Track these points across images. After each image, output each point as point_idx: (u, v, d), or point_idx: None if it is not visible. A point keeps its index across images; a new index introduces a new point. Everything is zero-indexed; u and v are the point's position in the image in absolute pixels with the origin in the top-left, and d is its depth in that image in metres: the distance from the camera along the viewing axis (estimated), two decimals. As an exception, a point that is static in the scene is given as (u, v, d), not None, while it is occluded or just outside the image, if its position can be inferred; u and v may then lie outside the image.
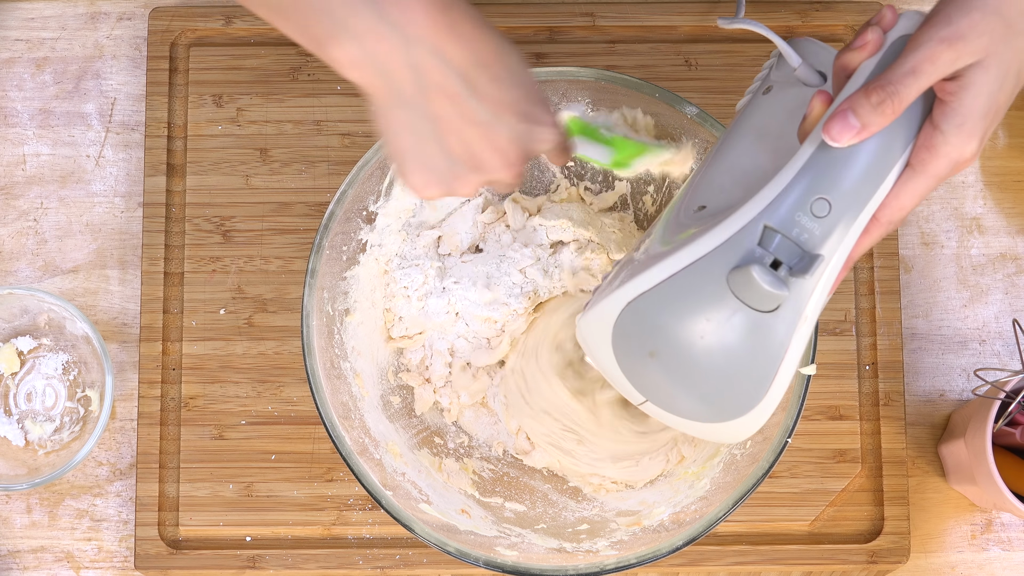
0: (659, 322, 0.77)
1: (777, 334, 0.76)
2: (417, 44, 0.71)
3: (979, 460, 0.99)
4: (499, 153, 0.77)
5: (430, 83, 0.73)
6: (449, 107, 0.74)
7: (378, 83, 0.73)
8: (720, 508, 0.93)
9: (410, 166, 0.77)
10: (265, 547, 1.07)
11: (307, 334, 0.96)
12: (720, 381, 0.78)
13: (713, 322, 0.76)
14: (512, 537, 0.99)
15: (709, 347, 0.76)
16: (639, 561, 0.93)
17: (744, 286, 0.74)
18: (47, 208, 1.13)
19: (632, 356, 0.80)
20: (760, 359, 0.77)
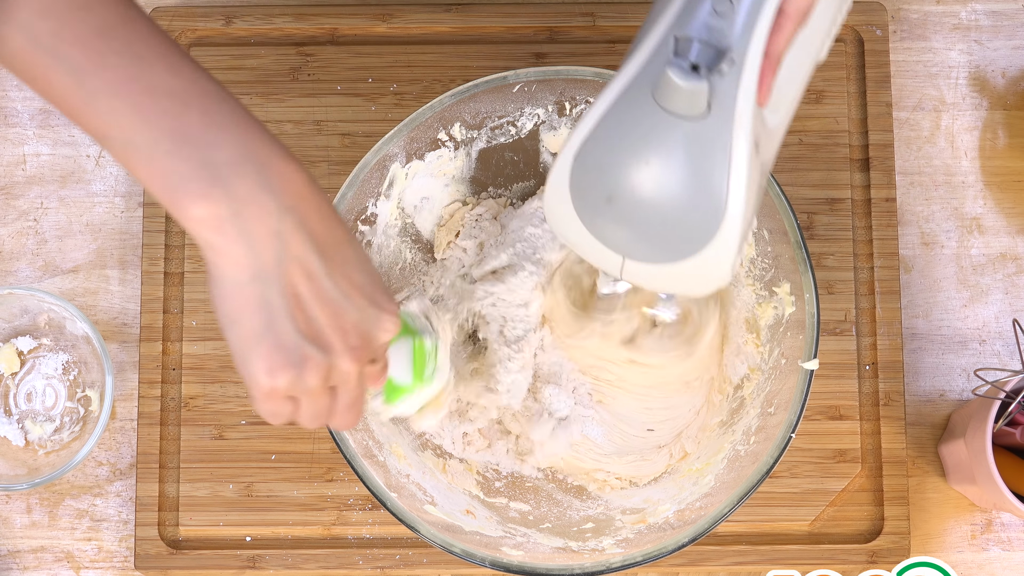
0: (606, 162, 0.78)
1: (716, 141, 0.76)
2: (288, 214, 0.70)
3: (979, 460, 0.99)
4: (344, 335, 0.74)
5: (291, 255, 0.71)
6: (304, 281, 0.72)
7: (236, 250, 0.70)
8: (724, 504, 0.93)
9: (258, 349, 0.72)
10: (265, 547, 1.07)
11: None
12: (680, 205, 0.77)
13: (653, 143, 0.76)
14: (517, 537, 0.99)
15: (658, 172, 0.76)
16: (645, 559, 0.93)
17: (668, 94, 0.74)
18: (47, 208, 1.13)
19: (593, 209, 0.79)
20: (709, 173, 0.76)
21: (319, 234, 0.72)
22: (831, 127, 1.12)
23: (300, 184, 0.71)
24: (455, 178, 1.07)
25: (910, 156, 1.14)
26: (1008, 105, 1.14)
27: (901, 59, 1.15)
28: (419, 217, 1.07)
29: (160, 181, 0.69)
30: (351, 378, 0.75)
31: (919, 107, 1.14)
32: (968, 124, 1.14)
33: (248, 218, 0.69)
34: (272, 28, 1.14)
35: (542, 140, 1.06)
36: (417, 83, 1.13)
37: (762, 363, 1.02)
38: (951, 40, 1.15)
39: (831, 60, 1.13)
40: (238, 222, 0.69)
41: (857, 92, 1.13)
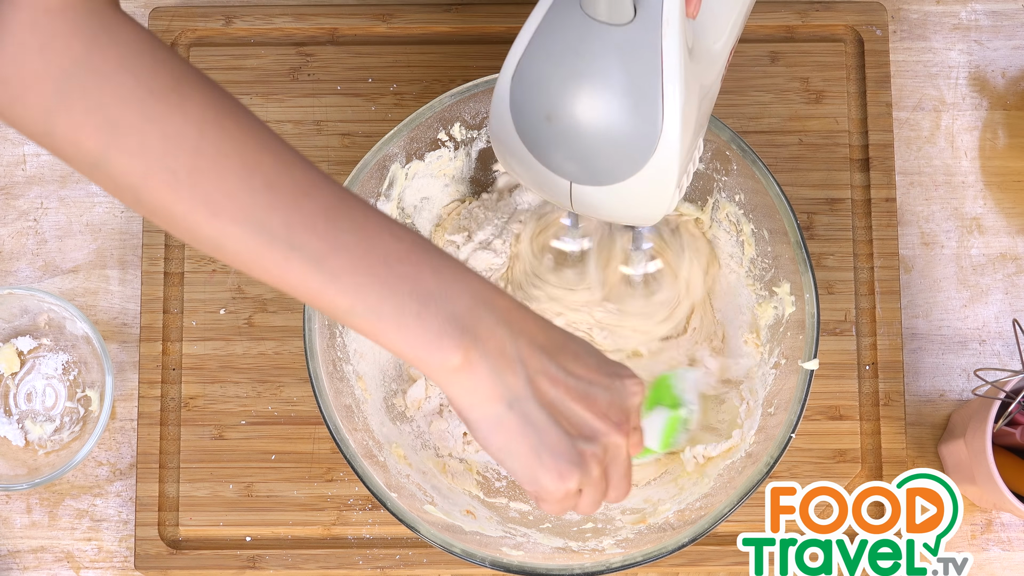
0: (541, 78, 0.77)
1: (646, 46, 0.75)
2: (521, 339, 0.75)
3: (979, 460, 0.99)
4: (605, 417, 0.78)
5: (533, 371, 0.76)
6: (552, 389, 0.76)
7: (490, 386, 0.75)
8: (724, 504, 0.93)
9: (540, 462, 0.77)
10: (265, 547, 1.07)
11: (309, 337, 0.96)
12: (617, 118, 0.76)
13: (584, 54, 0.75)
14: (517, 537, 0.99)
15: (592, 83, 0.76)
16: (645, 559, 0.93)
17: (593, 1, 0.74)
18: (47, 208, 1.13)
19: (535, 131, 0.79)
20: (643, 81, 0.76)
21: (544, 342, 0.77)
22: (831, 127, 1.12)
23: (515, 310, 0.77)
24: (455, 178, 1.07)
25: (910, 156, 1.14)
26: (1008, 105, 1.14)
27: (901, 59, 1.15)
28: (419, 217, 1.07)
29: (413, 341, 0.74)
30: (621, 452, 0.79)
31: (919, 107, 1.14)
32: (968, 124, 1.14)
33: (492, 355, 0.74)
34: (272, 28, 1.14)
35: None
36: (417, 83, 1.13)
37: (762, 363, 1.02)
38: (951, 40, 1.15)
39: (831, 60, 1.13)
40: (487, 361, 0.74)
41: (857, 92, 1.13)
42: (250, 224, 0.71)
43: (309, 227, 0.72)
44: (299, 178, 0.73)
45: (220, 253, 0.73)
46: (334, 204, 0.73)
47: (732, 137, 0.96)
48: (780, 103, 1.13)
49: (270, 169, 0.72)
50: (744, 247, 1.03)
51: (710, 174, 1.02)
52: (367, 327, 0.74)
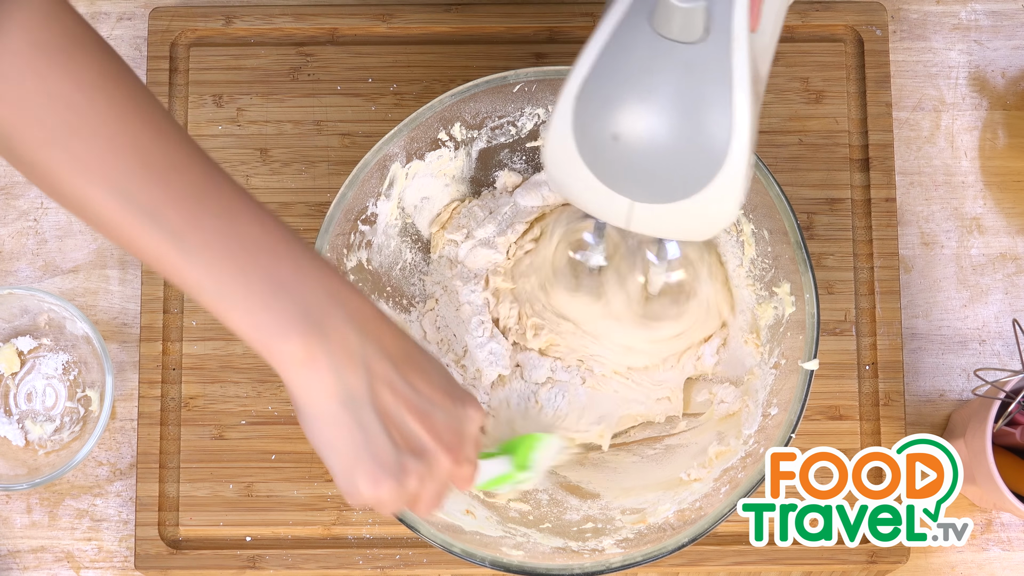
0: (609, 97, 0.77)
1: (716, 65, 0.75)
2: (369, 343, 0.77)
3: (979, 460, 0.99)
4: (438, 437, 0.79)
5: (376, 377, 0.77)
6: (391, 398, 0.77)
7: (328, 381, 0.76)
8: (725, 504, 0.93)
9: (358, 464, 0.78)
10: (265, 547, 1.07)
11: None
12: (685, 134, 0.76)
13: (655, 71, 0.75)
14: (517, 537, 0.99)
15: (663, 101, 0.75)
16: (645, 559, 0.93)
17: (667, 18, 0.73)
18: (47, 208, 1.13)
19: (599, 151, 0.78)
20: (712, 98, 0.75)
21: (395, 353, 0.78)
22: (831, 127, 1.12)
23: (371, 314, 0.78)
24: (455, 178, 1.07)
25: (910, 156, 1.14)
26: (1008, 105, 1.14)
27: (901, 59, 1.15)
28: (419, 217, 1.07)
29: (258, 327, 0.75)
30: (442, 474, 0.80)
31: (919, 107, 1.14)
32: (968, 124, 1.14)
33: (336, 352, 0.75)
34: (272, 28, 1.14)
35: (542, 140, 1.06)
36: (417, 83, 1.13)
37: (762, 363, 1.02)
38: (951, 40, 1.15)
39: (831, 60, 1.13)
40: (329, 356, 0.75)
41: (857, 92, 1.13)
42: (115, 191, 0.72)
43: (174, 202, 0.73)
44: (175, 155, 0.74)
45: (83, 215, 0.74)
46: (206, 184, 0.74)
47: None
48: (780, 103, 1.13)
49: (148, 142, 0.73)
50: (744, 247, 1.03)
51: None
52: (214, 307, 0.75)
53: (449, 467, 0.80)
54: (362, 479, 0.77)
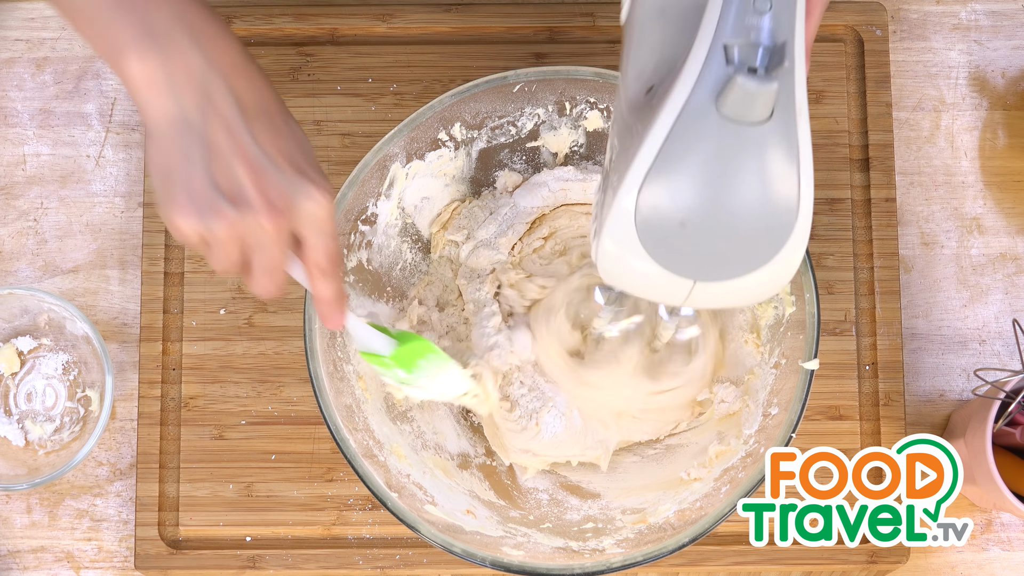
0: (676, 187, 0.75)
1: (784, 135, 0.74)
2: (215, 74, 0.76)
3: (979, 460, 0.99)
4: (264, 195, 0.77)
5: (214, 110, 0.75)
6: (225, 137, 0.76)
7: (165, 102, 0.75)
8: (725, 504, 0.93)
9: (172, 190, 0.76)
10: (265, 547, 1.07)
11: (310, 338, 0.96)
12: (755, 212, 0.75)
13: (726, 156, 0.74)
14: (518, 537, 0.99)
15: (733, 185, 0.74)
16: (645, 558, 0.93)
17: (735, 103, 0.72)
18: (47, 208, 1.13)
19: (664, 240, 0.76)
20: (779, 174, 0.74)
21: (247, 100, 0.77)
22: (831, 127, 1.12)
23: (233, 53, 0.77)
24: (455, 178, 1.07)
25: (910, 156, 1.14)
26: (1008, 105, 1.14)
27: (901, 59, 1.15)
28: (419, 217, 1.07)
29: (101, 41, 0.76)
30: (268, 239, 0.77)
31: (919, 107, 1.14)
32: (968, 124, 1.14)
33: (176, 73, 0.75)
34: (272, 28, 1.14)
35: (542, 140, 1.06)
36: (417, 83, 1.13)
37: (762, 363, 1.02)
38: (951, 40, 1.15)
39: (831, 60, 1.13)
40: (167, 77, 0.75)
41: (857, 92, 1.13)
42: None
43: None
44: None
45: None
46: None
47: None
48: (780, 103, 1.12)
49: None
50: None
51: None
52: (69, 19, 0.77)
53: (271, 233, 0.77)
54: (173, 208, 0.76)
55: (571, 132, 1.06)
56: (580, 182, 1.07)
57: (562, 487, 1.05)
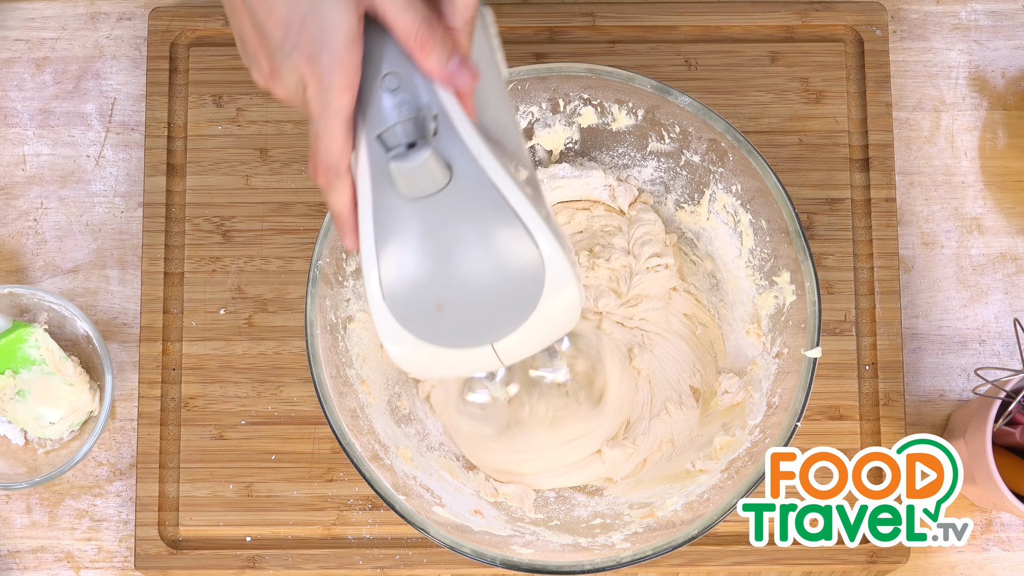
0: (412, 281, 0.75)
1: (476, 192, 0.74)
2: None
3: (979, 460, 0.99)
4: (263, 63, 0.75)
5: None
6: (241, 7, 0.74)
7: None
8: (733, 495, 0.93)
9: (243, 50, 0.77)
10: (265, 547, 1.07)
11: (312, 342, 0.95)
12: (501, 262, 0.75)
13: (437, 231, 0.74)
14: (527, 535, 0.99)
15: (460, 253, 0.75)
16: (655, 552, 0.93)
17: (405, 185, 0.73)
18: (47, 208, 1.13)
19: (433, 326, 0.77)
20: (498, 216, 0.74)
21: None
22: (831, 127, 1.12)
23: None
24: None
25: (910, 156, 1.14)
26: (1008, 105, 1.14)
27: (901, 59, 1.15)
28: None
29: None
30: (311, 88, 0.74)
31: (919, 107, 1.14)
32: (968, 124, 1.14)
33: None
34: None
35: (537, 138, 1.06)
36: (417, 83, 1.13)
37: (764, 353, 1.02)
38: (951, 40, 1.15)
39: (831, 60, 1.13)
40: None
41: (857, 92, 1.13)
42: None
43: None
44: None
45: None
46: None
47: (727, 128, 0.96)
48: (780, 103, 1.13)
49: None
50: (743, 237, 1.03)
51: (706, 166, 1.02)
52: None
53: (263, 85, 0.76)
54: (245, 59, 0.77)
55: (565, 129, 1.06)
56: (576, 179, 1.07)
57: (568, 485, 1.06)
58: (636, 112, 1.01)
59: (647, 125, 1.02)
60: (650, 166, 1.06)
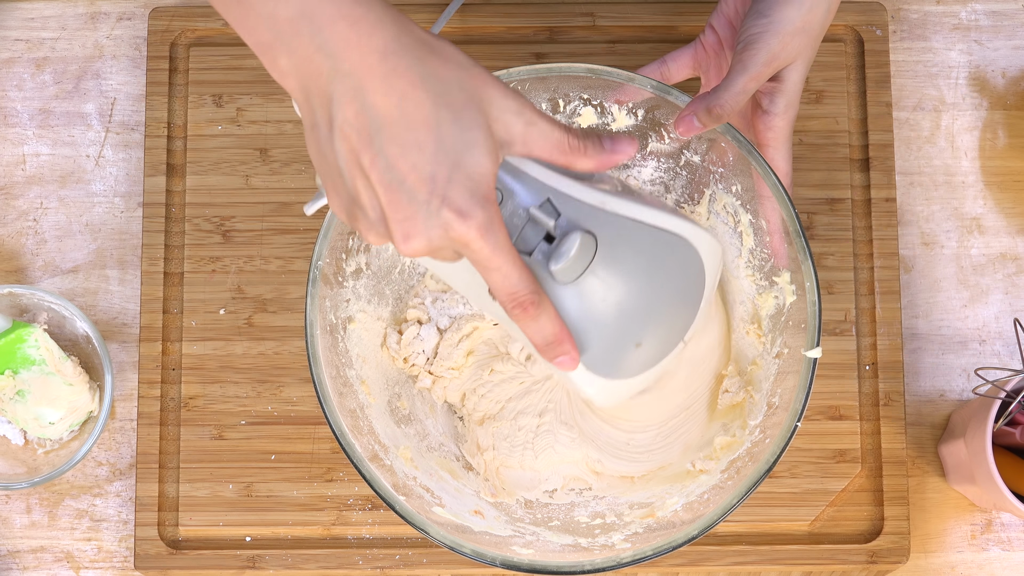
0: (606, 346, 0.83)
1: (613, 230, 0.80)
2: (345, 79, 0.69)
3: (979, 460, 0.99)
4: (395, 222, 0.71)
5: (342, 117, 0.70)
6: (355, 148, 0.70)
7: (303, 103, 0.72)
8: (733, 495, 0.92)
9: (326, 183, 0.74)
10: (265, 547, 1.07)
11: (311, 343, 0.95)
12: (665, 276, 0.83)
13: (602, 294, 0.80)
14: (527, 535, 0.99)
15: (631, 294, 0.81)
16: (655, 552, 0.92)
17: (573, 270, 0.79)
18: (47, 208, 1.13)
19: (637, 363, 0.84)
20: (645, 241, 0.82)
21: (381, 106, 0.69)
22: (831, 127, 1.12)
23: (367, 51, 0.69)
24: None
25: (910, 156, 1.14)
26: (1008, 105, 1.14)
27: (901, 59, 1.15)
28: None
29: (248, 36, 0.72)
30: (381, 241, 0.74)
31: (919, 107, 1.14)
32: (968, 124, 1.14)
33: (306, 75, 0.70)
34: (272, 28, 1.14)
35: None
36: (417, 83, 1.13)
37: (764, 353, 1.02)
38: (951, 40, 1.15)
39: (831, 60, 1.13)
40: (300, 77, 0.70)
41: (857, 92, 1.13)
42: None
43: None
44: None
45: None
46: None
47: (727, 128, 0.96)
48: (780, 103, 1.12)
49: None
50: (743, 237, 1.03)
51: (706, 166, 1.02)
52: (232, 22, 0.73)
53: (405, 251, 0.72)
54: (328, 193, 0.74)
55: (567, 130, 1.06)
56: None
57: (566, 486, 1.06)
58: (636, 112, 1.01)
59: (647, 125, 1.02)
60: (650, 166, 1.06)
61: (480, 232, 0.71)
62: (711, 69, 1.00)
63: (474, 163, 0.71)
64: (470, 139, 0.71)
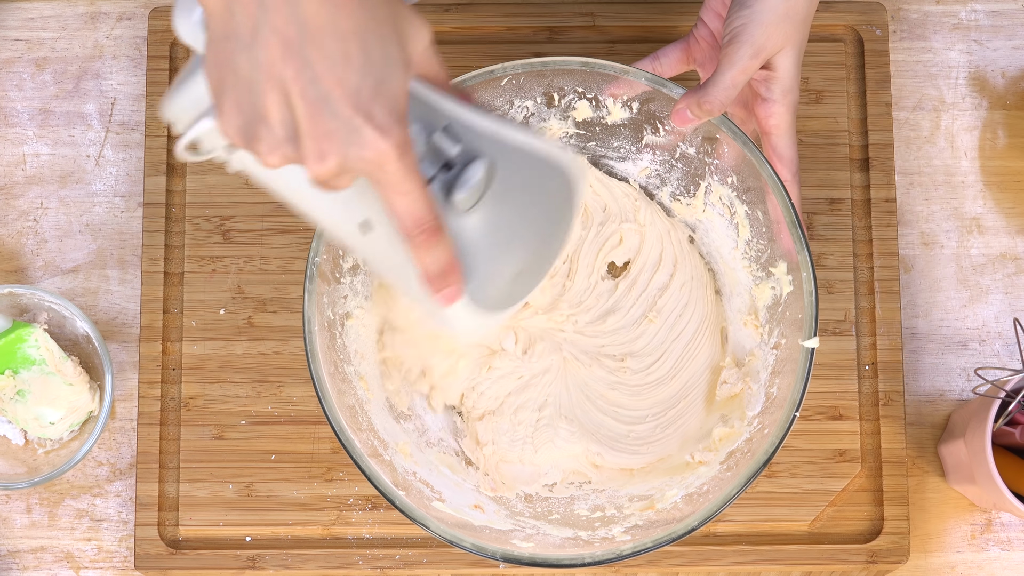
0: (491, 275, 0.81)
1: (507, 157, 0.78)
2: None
3: (979, 460, 0.99)
4: (311, 139, 0.67)
5: (270, 26, 0.65)
6: (278, 60, 0.66)
7: (219, 8, 0.67)
8: (733, 486, 0.92)
9: (220, 98, 0.69)
10: (265, 547, 1.07)
11: (309, 339, 0.95)
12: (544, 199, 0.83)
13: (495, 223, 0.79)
14: (527, 529, 0.99)
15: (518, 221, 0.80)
16: (655, 544, 0.92)
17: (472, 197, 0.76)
18: (47, 208, 1.13)
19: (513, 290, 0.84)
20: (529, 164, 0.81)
21: (312, 16, 0.65)
22: (831, 127, 1.12)
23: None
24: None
25: (910, 156, 1.14)
26: (1008, 105, 1.14)
27: (901, 59, 1.15)
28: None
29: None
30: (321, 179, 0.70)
31: (919, 107, 1.14)
32: (968, 124, 1.14)
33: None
34: (272, 28, 1.14)
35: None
36: (417, 83, 1.13)
37: (762, 344, 1.02)
38: (951, 40, 1.15)
39: (831, 60, 1.13)
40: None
41: (857, 92, 1.13)
42: None
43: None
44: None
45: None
46: None
47: (722, 120, 0.96)
48: (780, 103, 1.12)
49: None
50: (739, 229, 1.03)
51: (701, 158, 1.02)
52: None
53: (316, 179, 0.69)
54: (222, 113, 0.69)
55: (561, 123, 1.05)
56: None
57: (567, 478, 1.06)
58: (631, 105, 1.01)
59: (642, 118, 1.02)
60: (645, 159, 1.06)
61: (398, 152, 0.68)
62: (706, 62, 1.00)
63: (395, 80, 0.68)
64: (391, 55, 0.68)
